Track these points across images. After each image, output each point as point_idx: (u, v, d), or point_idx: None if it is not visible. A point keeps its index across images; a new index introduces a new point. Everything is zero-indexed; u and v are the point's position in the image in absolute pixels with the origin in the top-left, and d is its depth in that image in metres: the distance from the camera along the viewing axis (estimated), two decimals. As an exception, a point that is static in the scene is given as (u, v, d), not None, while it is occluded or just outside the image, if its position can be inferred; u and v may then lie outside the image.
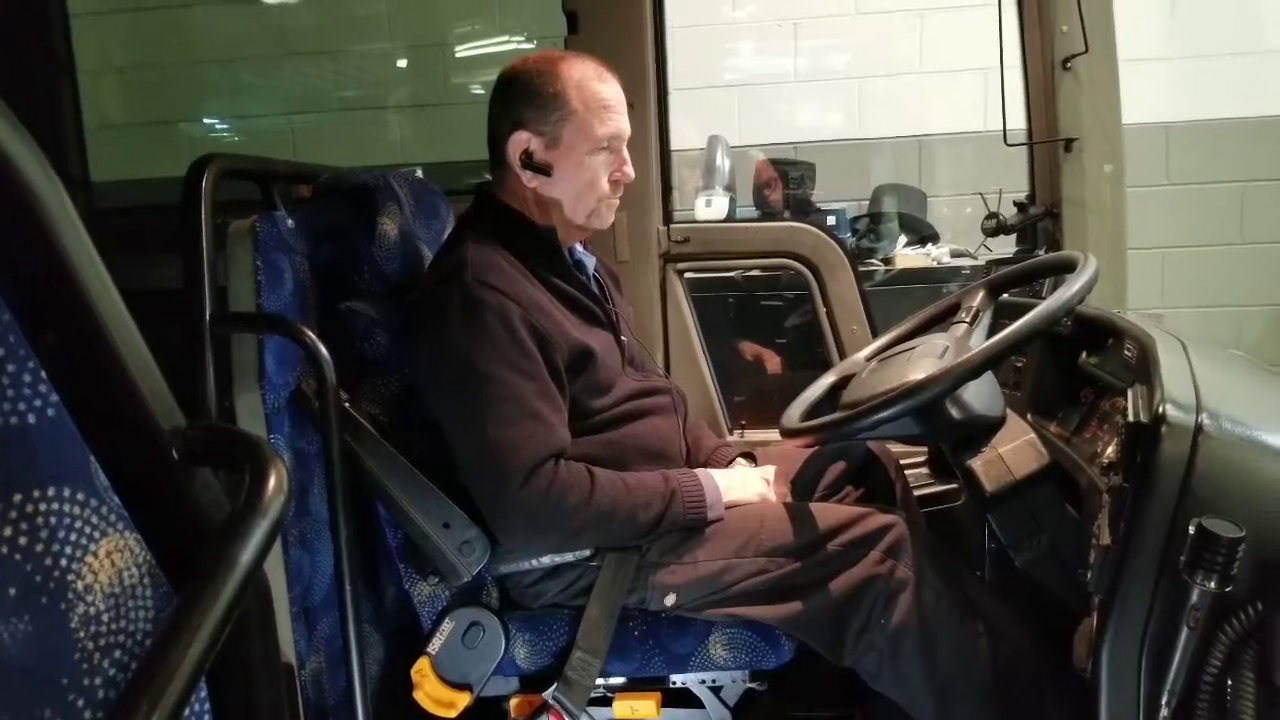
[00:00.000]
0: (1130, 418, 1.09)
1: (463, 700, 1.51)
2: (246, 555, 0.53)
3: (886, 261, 3.46)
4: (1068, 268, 1.42)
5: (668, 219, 2.26)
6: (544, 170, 1.55)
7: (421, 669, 1.51)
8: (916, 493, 1.89)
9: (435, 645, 1.52)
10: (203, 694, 0.60)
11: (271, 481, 0.57)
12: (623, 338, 1.68)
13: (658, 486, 1.50)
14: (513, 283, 1.48)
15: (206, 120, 4.26)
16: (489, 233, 1.54)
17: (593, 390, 1.55)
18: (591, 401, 1.55)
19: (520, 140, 1.54)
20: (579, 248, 1.68)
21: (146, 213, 2.50)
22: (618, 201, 1.63)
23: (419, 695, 1.51)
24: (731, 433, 2.31)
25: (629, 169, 1.60)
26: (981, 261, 3.07)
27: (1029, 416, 1.69)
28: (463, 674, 1.52)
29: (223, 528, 0.55)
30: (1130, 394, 1.16)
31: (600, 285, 1.72)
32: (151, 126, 4.03)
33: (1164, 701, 0.98)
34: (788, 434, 1.55)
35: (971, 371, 1.31)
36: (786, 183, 3.54)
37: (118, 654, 0.54)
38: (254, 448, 0.59)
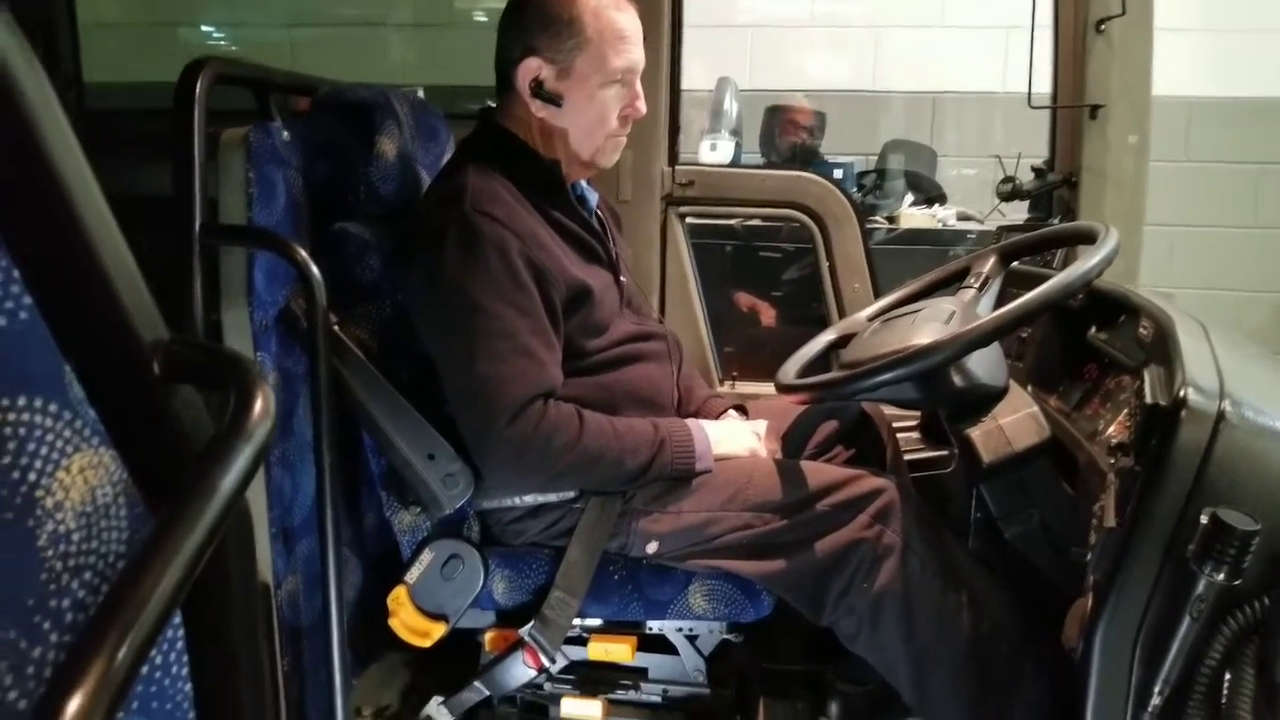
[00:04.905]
0: (1147, 399, 1.06)
1: (438, 630, 1.50)
2: (228, 481, 0.50)
3: (890, 220, 3.41)
4: (1087, 239, 1.38)
5: (673, 160, 2.20)
6: (554, 100, 1.49)
7: (398, 597, 1.50)
8: (906, 457, 1.87)
9: (413, 575, 1.51)
10: (176, 619, 0.58)
11: (257, 405, 0.53)
12: (622, 278, 1.64)
13: (647, 434, 1.47)
14: (513, 214, 1.43)
15: (205, 27, 4.12)
16: (491, 161, 1.49)
17: (588, 330, 1.52)
18: (586, 342, 1.52)
19: (531, 67, 1.48)
20: (583, 183, 1.63)
21: (140, 117, 2.42)
22: (625, 140, 1.57)
23: (394, 623, 1.50)
24: (722, 383, 2.28)
25: (641, 104, 1.55)
26: (988, 226, 3.02)
27: (1029, 388, 1.67)
28: (439, 605, 1.50)
29: (204, 451, 0.52)
30: (1146, 375, 1.13)
31: (602, 223, 1.67)
32: (148, 28, 3.90)
33: (1156, 690, 0.97)
34: (784, 390, 1.53)
35: (980, 339, 1.28)
36: (795, 131, 3.47)
37: (88, 575, 0.51)
38: (240, 368, 0.55)
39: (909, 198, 3.51)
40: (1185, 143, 3.92)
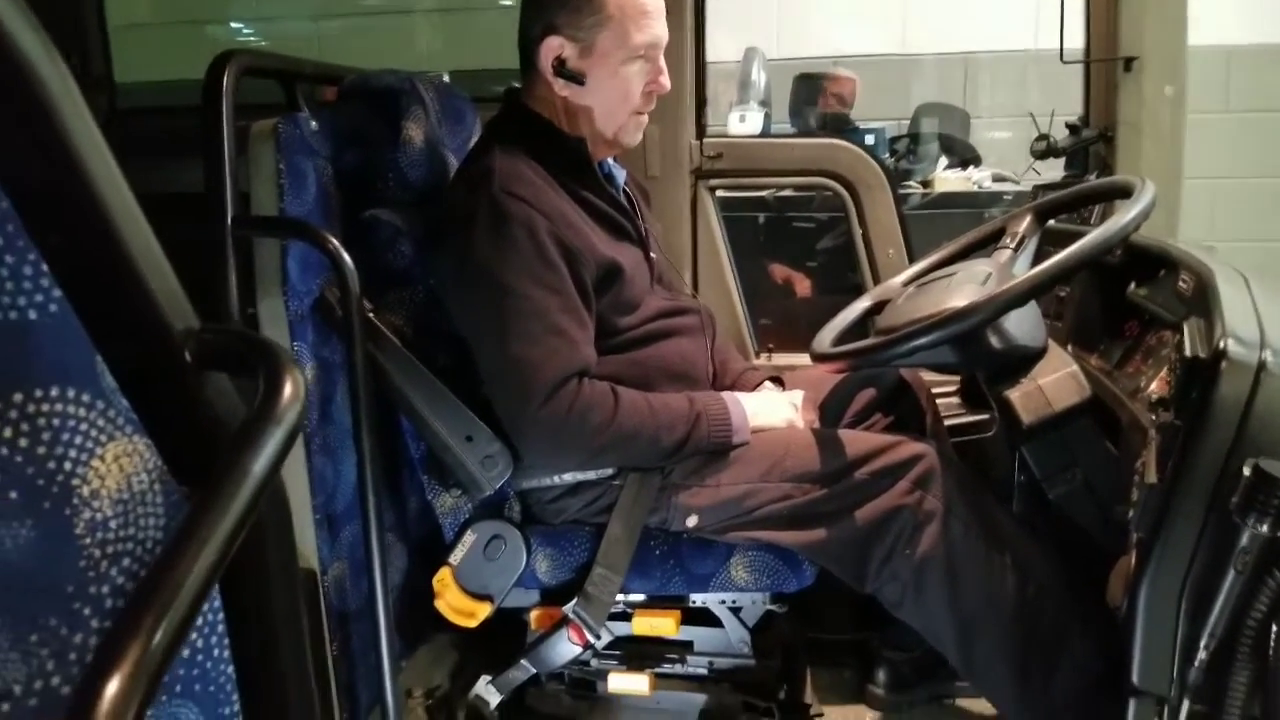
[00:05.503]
0: (1186, 352, 1.04)
1: (483, 610, 1.51)
2: (260, 464, 0.50)
3: (925, 184, 3.36)
4: (1123, 193, 1.35)
5: (701, 133, 2.18)
6: (577, 79, 1.48)
7: (443, 579, 1.52)
8: (946, 422, 1.85)
9: (457, 556, 1.53)
10: (216, 603, 0.59)
11: (288, 389, 0.54)
12: (652, 255, 1.64)
13: (683, 409, 1.47)
14: (540, 194, 1.43)
15: (234, 24, 4.16)
16: (517, 142, 1.49)
17: (620, 308, 1.52)
18: (618, 320, 1.52)
19: (553, 46, 1.48)
20: (610, 160, 1.62)
21: (171, 114, 2.45)
22: (647, 118, 1.56)
23: (440, 604, 1.52)
24: (758, 356, 2.27)
25: (665, 80, 1.53)
26: (1025, 186, 2.96)
27: (1070, 348, 1.64)
28: (483, 585, 1.52)
29: (236, 435, 0.53)
30: (1185, 328, 1.10)
31: (630, 200, 1.66)
32: (176, 26, 3.95)
33: (1203, 645, 0.95)
34: (819, 358, 1.52)
35: (1015, 299, 1.26)
36: (825, 100, 3.43)
37: (126, 562, 0.53)
38: (270, 353, 0.56)
39: (943, 161, 3.45)
40: (1226, 92, 3.81)
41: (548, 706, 1.67)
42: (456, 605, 1.52)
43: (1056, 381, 1.35)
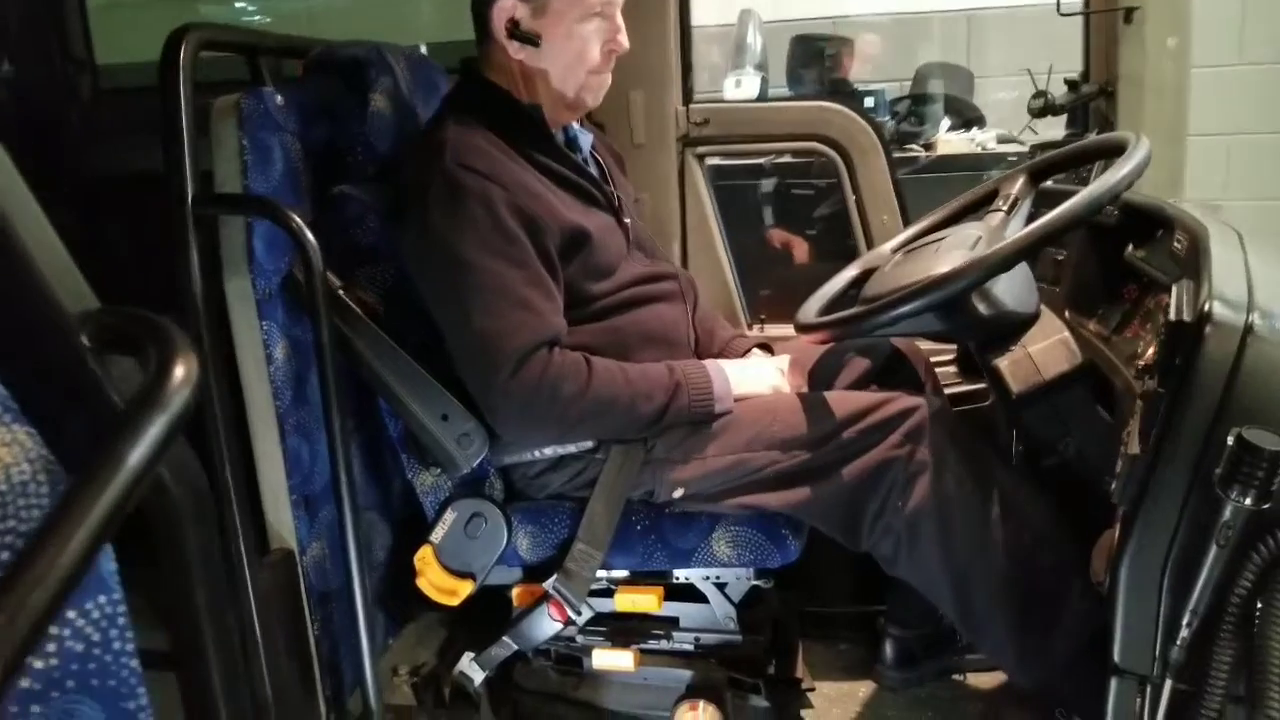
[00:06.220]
0: (1171, 315, 0.99)
1: (465, 588, 1.49)
2: (137, 453, 0.47)
3: (928, 147, 3.28)
4: (1116, 150, 1.30)
5: (687, 99, 2.13)
6: (531, 40, 1.44)
7: (424, 557, 1.50)
8: (946, 391, 1.81)
9: (438, 534, 1.51)
10: (115, 595, 0.56)
11: (177, 372, 0.51)
12: (625, 220, 1.59)
13: (661, 378, 1.44)
14: (495, 164, 1.39)
15: (220, 3, 4.09)
16: (472, 112, 1.45)
17: (591, 274, 1.48)
18: (590, 286, 1.48)
19: (505, 7, 1.43)
20: (575, 125, 1.58)
21: (154, 95, 2.41)
22: (609, 77, 1.52)
23: (422, 583, 1.50)
24: (751, 327, 2.22)
25: (623, 38, 1.49)
26: (1029, 147, 2.89)
27: (1067, 314, 1.59)
28: (465, 563, 1.50)
29: (115, 423, 0.50)
30: (1174, 289, 1.05)
31: (600, 165, 1.62)
32: (160, 5, 3.89)
33: (1185, 622, 0.91)
34: (802, 329, 1.48)
35: (1000, 264, 1.22)
36: (821, 61, 3.35)
37: (5, 556, 0.50)
38: (160, 335, 0.53)
39: (946, 122, 3.37)
40: (1239, 44, 3.68)
41: (534, 682, 1.66)
42: (438, 583, 1.50)
43: (1047, 349, 1.31)
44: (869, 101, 3.22)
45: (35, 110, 2.23)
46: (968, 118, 3.41)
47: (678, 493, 1.46)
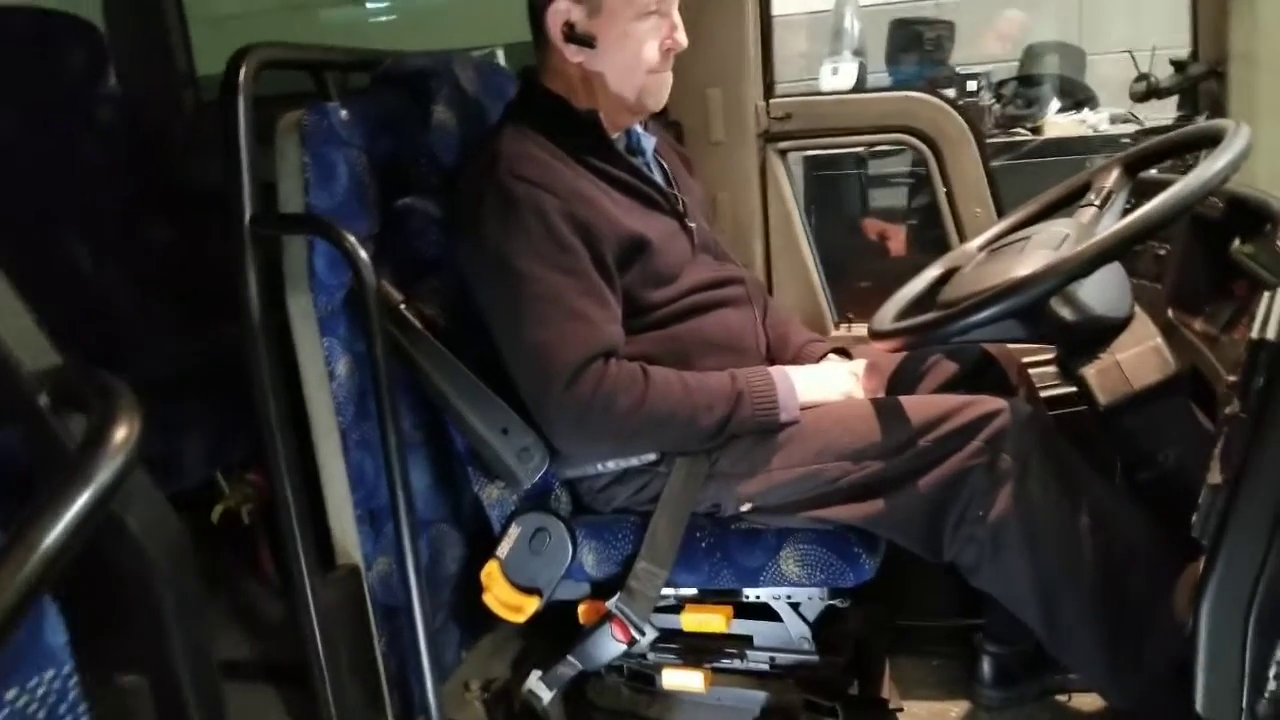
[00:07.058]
0: (1254, 332, 0.88)
1: (531, 604, 1.48)
2: (50, 538, 0.45)
3: (1035, 130, 3.10)
4: (1214, 140, 1.17)
5: (768, 93, 2.05)
6: (587, 42, 1.40)
7: (490, 572, 1.49)
8: (1042, 394, 1.69)
9: (504, 549, 1.49)
10: (65, 669, 0.54)
11: (118, 434, 0.49)
12: (690, 224, 1.54)
13: (723, 388, 1.38)
14: (549, 172, 1.36)
15: (322, 11, 4.22)
16: (528, 121, 1.43)
17: (651, 281, 1.44)
18: (651, 294, 1.44)
19: (560, 10, 1.40)
20: (638, 128, 1.53)
21: (256, 106, 2.48)
22: (669, 76, 1.47)
23: (488, 598, 1.49)
24: (837, 327, 2.14)
25: (680, 35, 1.44)
26: (1137, 130, 2.68)
27: (1170, 312, 1.46)
28: (531, 578, 1.48)
29: (32, 503, 0.48)
30: (1265, 298, 0.94)
31: (664, 168, 1.58)
32: (262, 16, 4.02)
33: (1272, 674, 0.81)
34: (876, 336, 1.40)
35: (1081, 268, 1.12)
36: (921, 45, 3.20)
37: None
38: (104, 396, 0.51)
39: (1055, 104, 3.18)
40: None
41: (607, 700, 1.63)
42: (504, 599, 1.49)
43: (1137, 356, 1.21)
44: (972, 85, 3.05)
45: (141, 124, 2.32)
46: (1079, 99, 3.20)
47: (745, 506, 1.41)
